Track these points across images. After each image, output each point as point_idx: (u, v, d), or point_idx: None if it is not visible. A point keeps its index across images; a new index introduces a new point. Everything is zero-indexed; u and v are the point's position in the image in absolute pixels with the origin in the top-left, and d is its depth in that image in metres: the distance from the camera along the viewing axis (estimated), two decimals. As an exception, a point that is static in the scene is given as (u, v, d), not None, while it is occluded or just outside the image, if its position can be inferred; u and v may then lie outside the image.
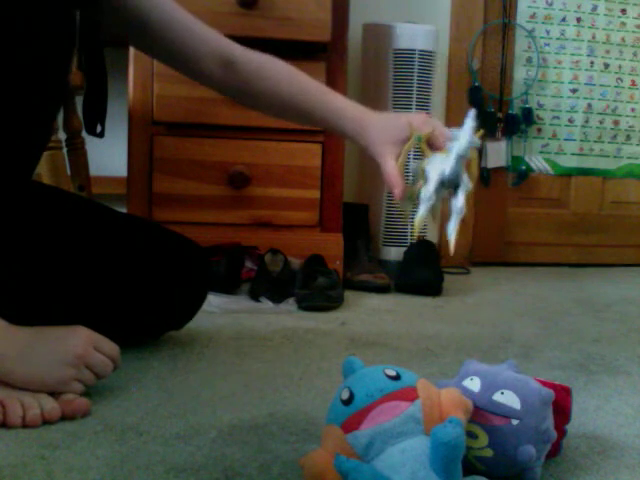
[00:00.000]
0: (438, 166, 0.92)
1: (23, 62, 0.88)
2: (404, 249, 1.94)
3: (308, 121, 1.11)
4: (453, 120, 2.36)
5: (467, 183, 0.93)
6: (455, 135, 0.92)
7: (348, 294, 1.69)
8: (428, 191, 0.92)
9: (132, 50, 1.71)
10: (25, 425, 0.79)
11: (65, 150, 1.73)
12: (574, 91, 2.48)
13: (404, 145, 0.96)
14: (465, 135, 0.92)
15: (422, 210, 0.92)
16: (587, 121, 2.50)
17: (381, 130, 0.99)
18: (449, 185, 0.94)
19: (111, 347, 0.89)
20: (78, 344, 0.85)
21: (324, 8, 1.72)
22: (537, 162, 2.48)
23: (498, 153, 2.40)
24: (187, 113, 1.72)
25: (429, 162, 0.94)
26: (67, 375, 0.84)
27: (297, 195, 1.78)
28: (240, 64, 1.08)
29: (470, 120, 0.93)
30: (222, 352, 1.17)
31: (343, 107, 1.03)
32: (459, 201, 0.92)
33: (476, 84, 2.36)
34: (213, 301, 1.51)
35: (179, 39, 1.05)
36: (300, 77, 1.09)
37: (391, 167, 0.96)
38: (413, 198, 0.96)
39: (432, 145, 0.95)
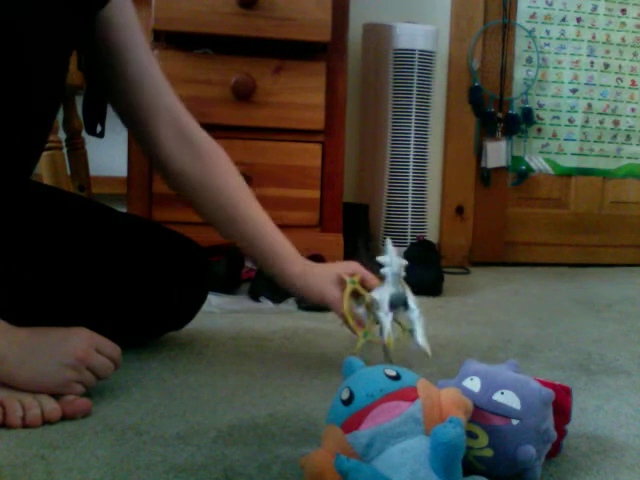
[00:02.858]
0: (382, 293, 1.00)
1: (21, 61, 0.88)
2: (404, 249, 1.94)
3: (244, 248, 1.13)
4: (453, 120, 2.37)
5: (411, 294, 1.01)
6: (384, 261, 1.00)
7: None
8: (384, 311, 0.98)
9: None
10: (25, 425, 0.79)
11: (65, 150, 1.73)
12: (574, 91, 2.48)
13: (342, 291, 1.03)
14: (391, 257, 0.99)
15: (387, 329, 0.98)
16: (587, 121, 2.50)
17: (314, 280, 1.06)
18: (398, 303, 1.00)
19: (112, 348, 0.89)
20: (79, 346, 0.85)
21: (324, 8, 1.72)
22: (537, 162, 2.48)
23: (498, 153, 2.40)
24: (187, 113, 1.72)
25: (372, 295, 1.02)
26: (68, 377, 0.84)
27: (297, 195, 1.78)
28: (195, 140, 1.09)
29: (389, 244, 1.01)
30: (222, 352, 1.17)
31: (287, 259, 1.09)
32: (414, 312, 0.99)
33: (476, 84, 2.37)
34: (213, 301, 1.51)
35: (144, 89, 1.06)
36: (253, 207, 1.11)
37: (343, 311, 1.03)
38: (368, 334, 1.02)
39: (365, 286, 1.04)
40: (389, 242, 1.01)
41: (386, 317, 0.98)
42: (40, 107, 0.96)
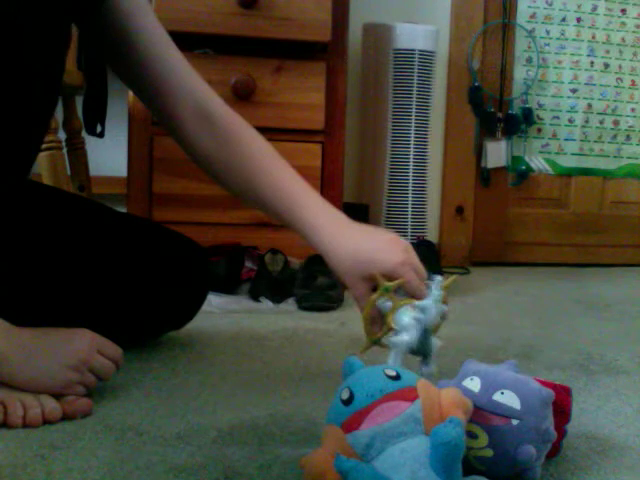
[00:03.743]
0: (404, 338, 0.84)
1: (21, 60, 0.88)
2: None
3: (270, 214, 1.07)
4: (453, 120, 2.37)
5: (435, 346, 0.88)
6: (422, 306, 0.84)
7: (348, 294, 1.69)
8: (395, 363, 0.84)
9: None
10: (26, 425, 0.79)
11: (65, 150, 1.73)
12: (574, 91, 2.48)
13: (370, 295, 0.89)
14: (432, 307, 0.83)
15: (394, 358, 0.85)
16: (587, 121, 2.50)
17: (344, 262, 0.94)
18: (417, 353, 0.88)
19: (114, 350, 0.89)
20: (82, 348, 0.85)
21: (324, 8, 1.72)
22: (537, 162, 2.48)
23: (498, 153, 2.40)
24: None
25: (395, 322, 0.87)
26: (70, 378, 0.84)
27: (297, 195, 1.77)
28: (218, 121, 1.04)
29: (436, 289, 0.85)
30: (222, 352, 1.17)
31: (316, 223, 1.02)
32: (430, 368, 0.87)
33: (476, 84, 2.37)
34: (213, 301, 1.51)
35: (161, 75, 1.03)
36: (281, 172, 1.06)
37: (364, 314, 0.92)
38: (375, 341, 0.92)
39: (407, 292, 0.89)
40: (437, 283, 0.85)
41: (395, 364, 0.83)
42: (39, 105, 0.96)
